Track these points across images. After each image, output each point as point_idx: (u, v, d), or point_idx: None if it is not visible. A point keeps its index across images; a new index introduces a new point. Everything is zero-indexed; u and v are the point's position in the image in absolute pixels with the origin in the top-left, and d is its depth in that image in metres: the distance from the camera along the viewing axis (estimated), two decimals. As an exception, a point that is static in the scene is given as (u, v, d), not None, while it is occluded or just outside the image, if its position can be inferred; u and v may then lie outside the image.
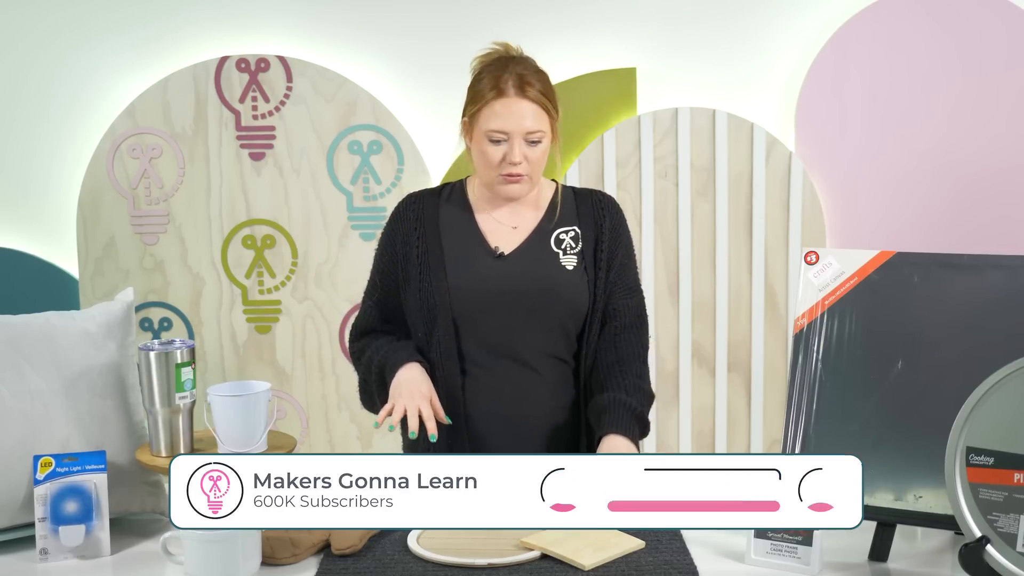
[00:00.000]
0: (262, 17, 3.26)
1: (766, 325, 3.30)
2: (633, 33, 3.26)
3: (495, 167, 1.94)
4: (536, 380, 1.95)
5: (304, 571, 1.56)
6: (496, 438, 1.95)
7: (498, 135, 1.91)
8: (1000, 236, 3.22)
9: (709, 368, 3.33)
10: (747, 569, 1.55)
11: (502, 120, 1.90)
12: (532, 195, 2.03)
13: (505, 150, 1.92)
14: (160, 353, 1.72)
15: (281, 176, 3.28)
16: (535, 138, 1.93)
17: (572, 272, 1.98)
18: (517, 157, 1.91)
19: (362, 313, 2.08)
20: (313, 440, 3.35)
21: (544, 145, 1.95)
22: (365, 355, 2.02)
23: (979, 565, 1.38)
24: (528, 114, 1.91)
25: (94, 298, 3.26)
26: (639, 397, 1.94)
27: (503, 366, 1.94)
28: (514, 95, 1.90)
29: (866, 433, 1.59)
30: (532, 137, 1.92)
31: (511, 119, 1.90)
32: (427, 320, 1.95)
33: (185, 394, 1.73)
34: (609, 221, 2.03)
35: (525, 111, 1.91)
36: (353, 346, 2.08)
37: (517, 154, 1.91)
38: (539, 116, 1.92)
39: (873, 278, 1.64)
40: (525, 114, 1.91)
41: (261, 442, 1.73)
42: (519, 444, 1.95)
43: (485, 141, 1.93)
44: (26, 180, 3.32)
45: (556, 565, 1.54)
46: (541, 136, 1.93)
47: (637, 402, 1.92)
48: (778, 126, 3.29)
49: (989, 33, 3.20)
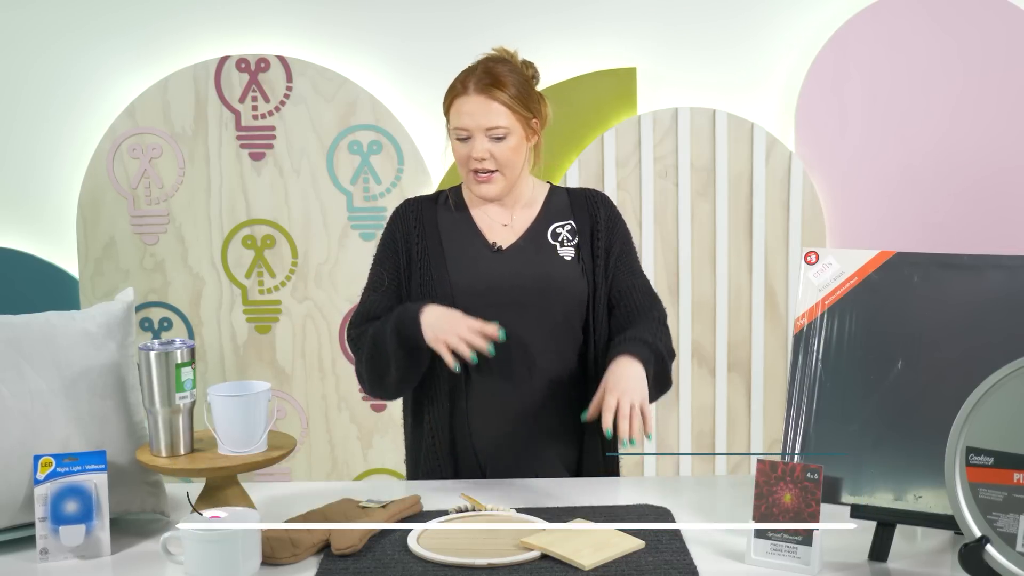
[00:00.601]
0: (262, 17, 3.26)
1: (766, 325, 3.30)
2: (633, 33, 3.26)
3: (464, 165, 1.97)
4: (539, 375, 1.95)
5: (304, 571, 1.56)
6: (498, 434, 1.96)
7: (462, 132, 1.94)
8: (1000, 236, 3.22)
9: (709, 368, 3.33)
10: (747, 569, 1.54)
11: (463, 117, 1.94)
12: (526, 194, 2.04)
13: (469, 148, 1.94)
14: (160, 353, 1.72)
15: (281, 176, 3.28)
16: (498, 134, 1.93)
17: (570, 263, 1.99)
18: (478, 152, 1.93)
19: (365, 304, 2.01)
20: (313, 440, 3.35)
21: (512, 142, 1.95)
22: (368, 333, 1.95)
23: (979, 565, 1.38)
24: (488, 110, 1.92)
25: (94, 298, 3.27)
26: (651, 333, 1.91)
27: (506, 361, 1.94)
28: (474, 92, 1.93)
29: (866, 433, 1.59)
30: (494, 133, 1.93)
31: (471, 116, 1.93)
32: None
33: (185, 394, 1.73)
34: (604, 212, 2.05)
35: (485, 107, 1.92)
36: (352, 332, 2.00)
37: (478, 149, 1.93)
38: (501, 112, 1.93)
39: (873, 278, 1.64)
40: (485, 110, 1.92)
41: (261, 442, 1.73)
42: (521, 440, 1.96)
43: (454, 139, 1.97)
44: (26, 180, 3.32)
45: (556, 565, 1.54)
46: (505, 133, 1.94)
47: (648, 335, 1.90)
48: (778, 126, 3.29)
49: (989, 33, 3.20)
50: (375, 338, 1.92)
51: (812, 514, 1.51)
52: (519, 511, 1.74)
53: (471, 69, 1.97)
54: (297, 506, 1.77)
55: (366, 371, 1.97)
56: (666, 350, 1.94)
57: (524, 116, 1.96)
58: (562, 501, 1.82)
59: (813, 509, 1.51)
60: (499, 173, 1.95)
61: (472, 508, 1.75)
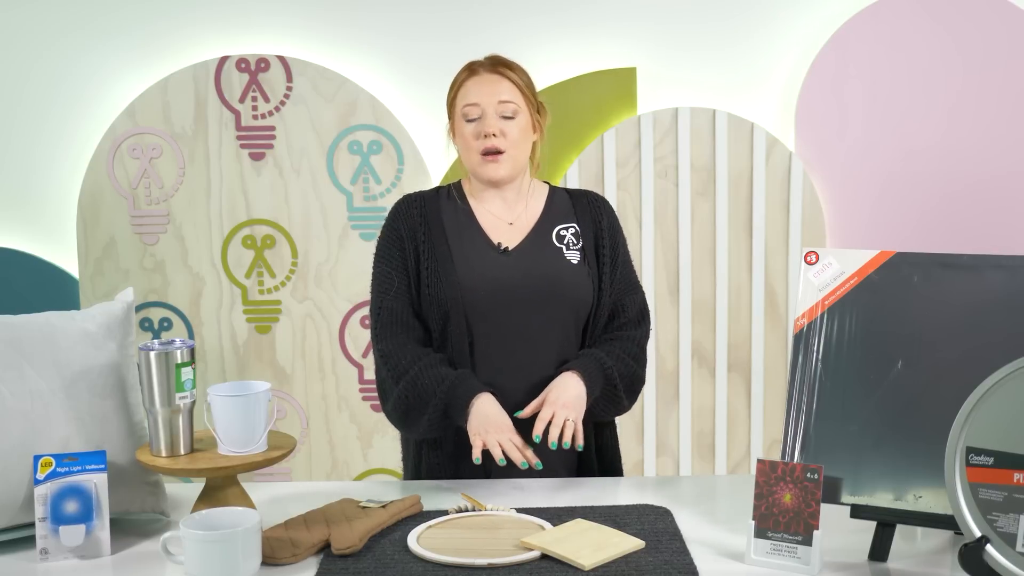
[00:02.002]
0: (262, 17, 3.26)
1: (766, 325, 3.30)
2: (633, 33, 3.26)
3: (473, 146, 1.97)
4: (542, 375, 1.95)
5: (304, 571, 1.56)
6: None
7: (472, 109, 1.96)
8: (1000, 236, 3.22)
9: (709, 368, 3.33)
10: (747, 569, 1.54)
11: (474, 94, 1.96)
12: (526, 193, 2.04)
13: (480, 126, 1.95)
14: (160, 353, 1.71)
15: (281, 176, 3.28)
16: (508, 112, 1.96)
17: (577, 266, 2.00)
18: (490, 127, 1.94)
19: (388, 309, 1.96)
20: (313, 440, 3.35)
21: (521, 122, 1.97)
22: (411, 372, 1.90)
23: (979, 565, 1.38)
24: (500, 86, 1.96)
25: (94, 298, 3.27)
26: (616, 358, 1.95)
27: (514, 360, 1.94)
28: (485, 71, 1.99)
29: (866, 433, 1.59)
30: (505, 110, 1.96)
31: (482, 93, 1.96)
32: (440, 317, 1.95)
33: (185, 394, 1.73)
34: (607, 220, 2.06)
35: (496, 83, 1.97)
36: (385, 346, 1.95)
37: (490, 124, 1.95)
38: (512, 91, 1.97)
39: (873, 278, 1.64)
40: (496, 87, 1.96)
41: (261, 442, 1.73)
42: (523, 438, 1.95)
43: (463, 123, 1.98)
44: (26, 180, 3.32)
45: (556, 565, 1.54)
46: (515, 111, 1.96)
47: (610, 359, 1.94)
48: (778, 126, 3.29)
49: (989, 33, 3.20)
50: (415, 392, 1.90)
51: (812, 514, 1.51)
52: (519, 511, 1.74)
53: (476, 60, 2.02)
54: (297, 506, 1.77)
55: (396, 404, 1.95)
56: (626, 376, 1.97)
57: (532, 101, 2.00)
58: (562, 501, 1.82)
59: (813, 509, 1.51)
60: (507, 154, 1.96)
61: (472, 508, 1.75)
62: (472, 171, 2.02)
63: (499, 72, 1.98)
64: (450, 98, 2.02)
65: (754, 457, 3.30)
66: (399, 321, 1.96)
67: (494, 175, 1.98)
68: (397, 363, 1.93)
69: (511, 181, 2.01)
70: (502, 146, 1.95)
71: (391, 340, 1.95)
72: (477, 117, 1.96)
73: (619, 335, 2.01)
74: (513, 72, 1.99)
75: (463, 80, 1.99)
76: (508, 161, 1.97)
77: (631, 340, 2.01)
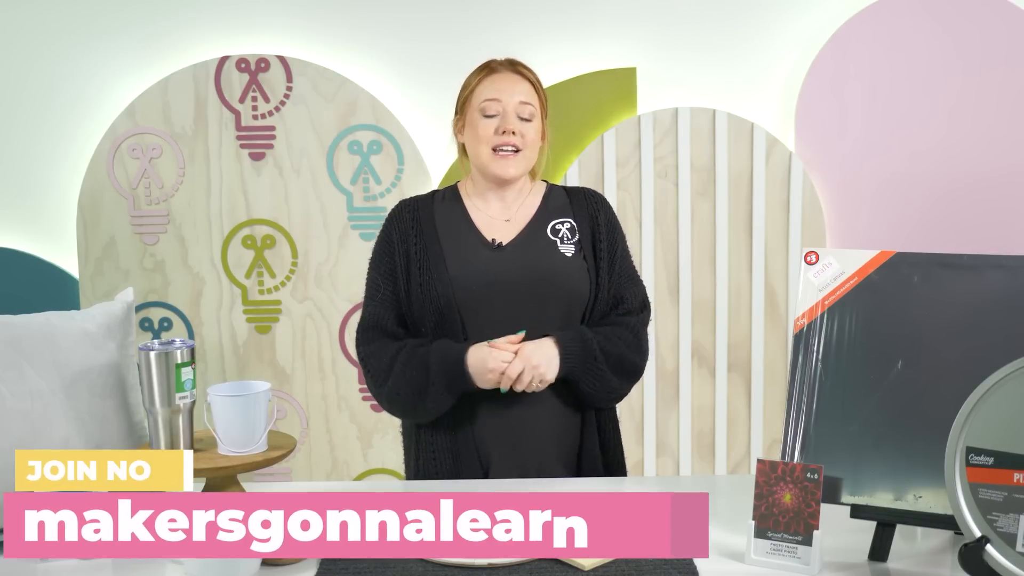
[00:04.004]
0: (262, 17, 3.26)
1: (766, 325, 3.30)
2: (633, 33, 3.26)
3: (488, 141, 1.97)
4: None
5: (304, 571, 1.56)
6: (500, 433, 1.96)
7: (492, 104, 1.97)
8: (1000, 236, 3.22)
9: (709, 368, 3.33)
10: (747, 569, 1.54)
11: (495, 91, 1.98)
12: (524, 191, 2.04)
13: (498, 122, 1.96)
14: (160, 353, 1.72)
15: (281, 176, 3.28)
16: (526, 113, 1.97)
17: (571, 259, 1.99)
18: (510, 125, 1.95)
19: (370, 315, 2.01)
20: (313, 440, 3.35)
21: (536, 125, 1.99)
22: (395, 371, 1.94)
23: (979, 565, 1.38)
24: (520, 88, 1.98)
25: (94, 298, 3.26)
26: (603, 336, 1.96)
27: None
28: (505, 70, 2.00)
29: (866, 433, 1.59)
30: (523, 112, 1.97)
31: (503, 90, 1.98)
32: (433, 315, 1.95)
33: (185, 394, 1.73)
34: (603, 215, 2.06)
35: (517, 83, 1.99)
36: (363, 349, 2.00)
37: (510, 122, 1.96)
38: (531, 93, 1.99)
39: (873, 278, 1.64)
40: (517, 87, 1.98)
41: (261, 442, 1.73)
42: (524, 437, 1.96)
43: (478, 117, 1.98)
44: (26, 180, 3.32)
45: (556, 565, 1.54)
46: (532, 113, 1.98)
47: (593, 335, 1.94)
48: (778, 126, 3.29)
49: (989, 33, 3.20)
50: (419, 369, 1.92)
51: (812, 514, 1.51)
52: (519, 511, 1.74)
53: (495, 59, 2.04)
54: (297, 506, 1.77)
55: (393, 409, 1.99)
56: (612, 355, 1.96)
57: (544, 109, 2.02)
58: (562, 501, 1.81)
59: (813, 509, 1.51)
60: (522, 153, 1.98)
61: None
62: (481, 167, 2.01)
63: (520, 72, 2.01)
64: (465, 93, 2.02)
65: (754, 457, 3.30)
66: (378, 327, 1.99)
67: (505, 172, 1.98)
68: (378, 364, 1.97)
69: (516, 181, 2.02)
70: (519, 144, 1.97)
71: (368, 345, 2.00)
72: (496, 113, 1.97)
73: (613, 320, 2.01)
74: (530, 73, 2.02)
75: (483, 76, 2.01)
76: (522, 161, 1.98)
77: (623, 324, 2.01)
